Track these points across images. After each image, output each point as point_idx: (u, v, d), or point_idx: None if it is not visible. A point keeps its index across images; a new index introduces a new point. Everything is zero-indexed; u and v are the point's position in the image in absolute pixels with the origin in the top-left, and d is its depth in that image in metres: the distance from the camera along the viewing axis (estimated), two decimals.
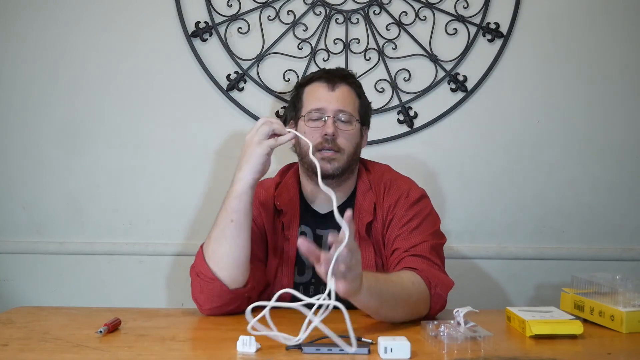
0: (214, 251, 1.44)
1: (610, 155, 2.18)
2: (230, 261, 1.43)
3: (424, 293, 1.40)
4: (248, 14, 2.16)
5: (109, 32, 2.18)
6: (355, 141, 1.58)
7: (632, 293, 1.33)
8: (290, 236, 1.59)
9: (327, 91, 1.57)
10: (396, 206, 1.56)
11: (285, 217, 1.60)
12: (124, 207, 2.21)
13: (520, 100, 2.17)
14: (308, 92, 1.60)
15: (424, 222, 1.54)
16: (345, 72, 1.65)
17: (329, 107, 1.55)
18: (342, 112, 1.56)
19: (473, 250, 2.16)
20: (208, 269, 1.43)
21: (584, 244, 2.18)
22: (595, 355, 1.18)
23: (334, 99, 1.56)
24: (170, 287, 2.20)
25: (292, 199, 1.62)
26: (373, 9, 2.15)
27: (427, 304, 1.41)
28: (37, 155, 2.21)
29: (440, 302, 1.43)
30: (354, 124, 1.57)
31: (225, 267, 1.43)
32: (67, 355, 1.15)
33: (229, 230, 1.44)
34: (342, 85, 1.59)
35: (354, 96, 1.61)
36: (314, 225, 1.61)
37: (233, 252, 1.43)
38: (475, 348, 1.17)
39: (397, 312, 1.36)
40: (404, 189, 1.60)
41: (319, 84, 1.59)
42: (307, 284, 1.58)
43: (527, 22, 2.15)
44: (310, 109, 1.56)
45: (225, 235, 1.44)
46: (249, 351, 1.15)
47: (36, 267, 2.21)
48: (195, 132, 2.19)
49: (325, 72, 1.63)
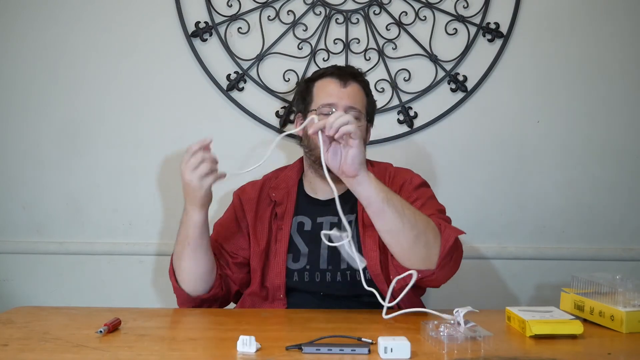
0: (177, 266, 1.57)
1: (610, 155, 2.18)
2: (190, 276, 1.55)
3: (433, 227, 1.41)
4: (248, 14, 2.16)
5: (109, 32, 2.18)
6: (362, 137, 1.60)
7: (632, 293, 1.33)
8: (283, 225, 1.63)
9: (339, 87, 1.62)
10: (401, 190, 1.62)
11: (279, 207, 1.66)
12: (124, 207, 2.21)
13: (520, 100, 2.17)
14: (319, 87, 1.65)
15: (428, 201, 1.59)
16: (355, 70, 1.71)
17: (340, 102, 1.60)
18: (352, 109, 1.60)
19: (473, 250, 2.16)
20: (174, 279, 1.57)
21: (584, 244, 2.19)
22: (595, 355, 1.18)
23: (346, 95, 1.61)
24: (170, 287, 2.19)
25: (289, 192, 1.68)
26: (373, 9, 2.15)
27: (437, 239, 1.40)
28: (37, 155, 2.21)
29: (450, 241, 1.41)
30: (362, 121, 1.63)
31: (187, 280, 1.56)
32: (67, 355, 1.15)
33: (186, 252, 1.53)
34: (353, 83, 1.64)
35: (362, 94, 1.66)
36: (314, 215, 1.66)
37: (192, 268, 1.54)
38: (475, 348, 1.17)
39: (403, 226, 1.36)
40: (407, 177, 1.67)
41: (330, 79, 1.64)
42: (301, 270, 1.59)
43: (527, 22, 2.15)
44: (321, 103, 1.61)
45: (184, 255, 1.54)
46: (249, 351, 1.15)
47: (36, 267, 2.21)
48: (195, 132, 2.19)
49: (337, 69, 1.68)
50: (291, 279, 1.58)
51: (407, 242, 1.38)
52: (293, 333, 1.32)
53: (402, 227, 1.37)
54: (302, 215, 1.66)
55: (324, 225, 1.63)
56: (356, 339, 1.19)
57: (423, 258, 1.40)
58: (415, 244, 1.38)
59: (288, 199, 1.68)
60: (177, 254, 1.55)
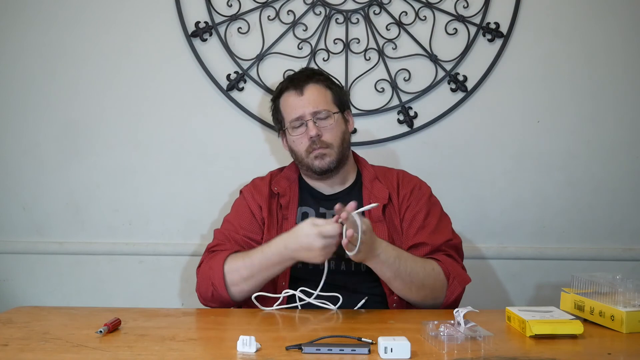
0: (240, 288, 1.55)
1: (611, 155, 2.17)
2: (248, 294, 1.55)
3: (441, 281, 1.55)
4: (248, 14, 2.16)
5: (108, 32, 2.18)
6: (340, 130, 1.69)
7: (632, 293, 1.33)
8: (288, 215, 1.67)
9: (298, 97, 1.68)
10: (411, 195, 1.69)
11: (283, 198, 1.70)
12: (124, 207, 2.21)
13: (521, 100, 2.17)
14: (282, 104, 1.72)
15: (442, 219, 1.69)
16: (308, 71, 1.76)
17: (304, 112, 1.66)
18: (318, 113, 1.66)
19: (473, 250, 2.16)
20: (227, 293, 1.55)
21: (584, 244, 2.18)
22: (595, 355, 1.18)
23: (307, 102, 1.67)
24: (170, 287, 2.20)
25: (291, 184, 1.74)
26: (373, 8, 2.15)
27: (443, 292, 1.55)
28: (37, 155, 2.21)
29: (455, 293, 1.55)
30: (333, 117, 1.67)
31: (244, 296, 1.56)
32: (67, 355, 1.15)
33: (260, 279, 1.54)
34: (309, 86, 1.68)
35: (323, 90, 1.70)
36: (316, 206, 1.70)
37: (255, 289, 1.55)
38: (475, 348, 1.17)
39: (410, 290, 1.51)
40: (415, 181, 1.75)
41: (287, 93, 1.70)
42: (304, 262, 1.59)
43: (527, 21, 2.15)
44: (289, 120, 1.68)
45: (254, 280, 1.54)
46: (249, 351, 1.15)
47: (36, 267, 2.21)
48: (195, 132, 2.19)
49: (290, 80, 1.73)
50: (295, 267, 1.59)
51: (414, 299, 1.55)
52: (293, 333, 1.33)
53: (410, 292, 1.52)
54: (306, 206, 1.70)
55: (327, 215, 1.67)
56: (356, 339, 1.19)
57: (429, 305, 1.57)
58: (423, 300, 1.55)
59: (290, 190, 1.72)
60: (246, 276, 1.54)
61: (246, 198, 1.73)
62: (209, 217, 2.16)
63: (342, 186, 1.74)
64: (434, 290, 1.54)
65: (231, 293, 1.54)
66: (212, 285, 1.55)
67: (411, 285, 1.50)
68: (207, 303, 1.60)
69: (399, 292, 1.54)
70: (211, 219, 2.16)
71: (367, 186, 1.71)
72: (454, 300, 1.56)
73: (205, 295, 1.58)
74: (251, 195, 1.72)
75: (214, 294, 1.56)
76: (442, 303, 1.56)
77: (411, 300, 1.55)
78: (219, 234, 1.69)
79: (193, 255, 2.17)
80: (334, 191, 1.73)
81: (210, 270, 1.56)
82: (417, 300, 1.54)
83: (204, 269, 1.60)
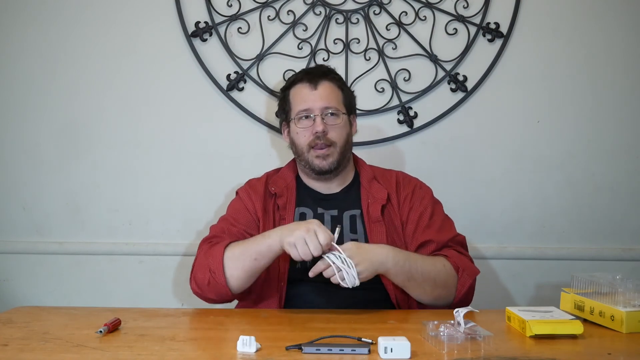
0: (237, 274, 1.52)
1: (611, 155, 2.17)
2: (245, 281, 1.53)
3: (452, 276, 1.55)
4: (248, 14, 2.16)
5: (108, 32, 2.18)
6: (345, 132, 1.70)
7: (632, 293, 1.33)
8: (286, 216, 1.67)
9: (311, 90, 1.68)
10: (414, 195, 1.70)
11: (280, 199, 1.69)
12: (124, 207, 2.21)
13: (521, 100, 2.17)
14: (293, 95, 1.71)
15: (446, 218, 1.71)
16: (324, 68, 1.76)
17: (314, 106, 1.66)
18: (328, 109, 1.66)
19: (473, 250, 2.15)
20: (224, 279, 1.52)
21: (584, 244, 2.18)
22: (595, 355, 1.18)
23: (318, 97, 1.67)
24: (170, 287, 2.21)
25: (288, 185, 1.73)
26: (373, 9, 2.15)
27: (455, 286, 1.55)
28: (37, 155, 2.21)
29: (466, 286, 1.55)
30: (341, 117, 1.68)
31: (240, 284, 1.53)
32: (67, 355, 1.15)
33: (250, 263, 1.52)
34: (323, 82, 1.69)
35: (336, 90, 1.71)
36: (314, 206, 1.70)
37: (251, 275, 1.53)
38: (475, 348, 1.17)
39: (424, 289, 1.52)
40: (415, 182, 1.75)
41: (301, 85, 1.70)
42: (303, 261, 1.59)
43: (527, 21, 2.15)
44: (297, 110, 1.68)
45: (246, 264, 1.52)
46: (249, 351, 1.15)
47: (36, 267, 2.21)
48: (195, 132, 2.19)
49: (305, 73, 1.73)
50: (294, 267, 1.59)
51: (428, 299, 1.55)
52: (293, 333, 1.32)
53: (424, 291, 1.53)
54: (303, 207, 1.70)
55: (325, 216, 1.67)
56: (356, 339, 1.19)
57: (442, 304, 1.57)
58: (436, 299, 1.55)
59: (288, 191, 1.71)
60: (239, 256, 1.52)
61: (242, 198, 1.73)
62: (209, 217, 2.16)
63: (340, 186, 1.74)
64: (446, 286, 1.54)
65: (228, 278, 1.51)
66: (209, 272, 1.52)
67: (424, 284, 1.51)
68: (201, 291, 1.56)
69: (414, 294, 1.53)
70: (211, 219, 2.16)
71: (365, 186, 1.71)
72: (465, 293, 1.55)
73: (201, 281, 1.54)
74: (247, 195, 1.72)
75: (211, 281, 1.52)
76: (455, 297, 1.55)
77: (426, 300, 1.55)
78: (216, 228, 1.68)
79: (193, 255, 2.16)
80: (331, 191, 1.73)
81: (210, 258, 1.54)
82: (431, 299, 1.54)
83: (201, 257, 1.58)
